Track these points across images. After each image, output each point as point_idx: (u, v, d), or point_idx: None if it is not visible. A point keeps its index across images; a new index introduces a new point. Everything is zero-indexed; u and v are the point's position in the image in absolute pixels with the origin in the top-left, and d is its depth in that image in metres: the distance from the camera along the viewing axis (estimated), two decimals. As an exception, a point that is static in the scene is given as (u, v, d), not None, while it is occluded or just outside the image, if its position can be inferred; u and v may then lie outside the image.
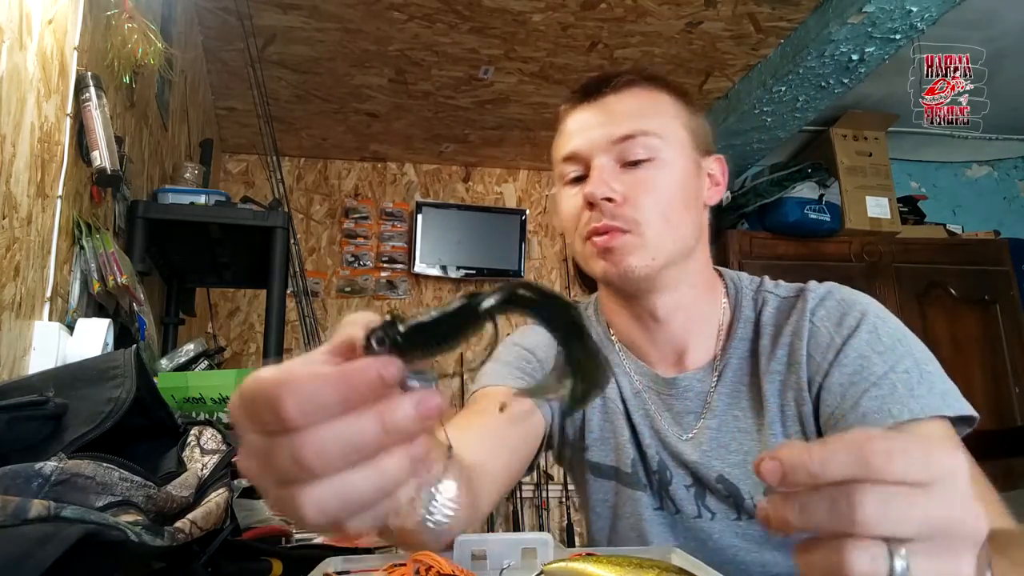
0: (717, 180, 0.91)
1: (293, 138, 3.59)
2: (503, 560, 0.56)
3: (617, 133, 0.84)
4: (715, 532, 0.86)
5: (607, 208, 0.82)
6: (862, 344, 0.79)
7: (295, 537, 0.81)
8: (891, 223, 3.46)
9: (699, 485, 0.88)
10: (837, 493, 0.35)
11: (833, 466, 0.35)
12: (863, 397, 0.76)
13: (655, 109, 0.87)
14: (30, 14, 1.21)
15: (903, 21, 2.43)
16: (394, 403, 0.33)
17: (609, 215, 0.82)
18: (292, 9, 2.58)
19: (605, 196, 0.82)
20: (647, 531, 0.90)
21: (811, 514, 0.35)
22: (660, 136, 0.84)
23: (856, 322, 0.80)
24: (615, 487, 0.93)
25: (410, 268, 3.73)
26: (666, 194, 0.84)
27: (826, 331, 0.82)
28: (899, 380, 0.75)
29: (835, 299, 0.84)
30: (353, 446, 0.32)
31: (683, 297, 0.88)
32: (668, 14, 2.65)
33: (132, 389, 0.60)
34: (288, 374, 0.32)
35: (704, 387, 0.89)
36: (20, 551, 0.39)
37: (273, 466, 0.32)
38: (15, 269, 1.17)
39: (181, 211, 1.89)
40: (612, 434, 0.93)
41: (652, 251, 0.83)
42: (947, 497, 0.35)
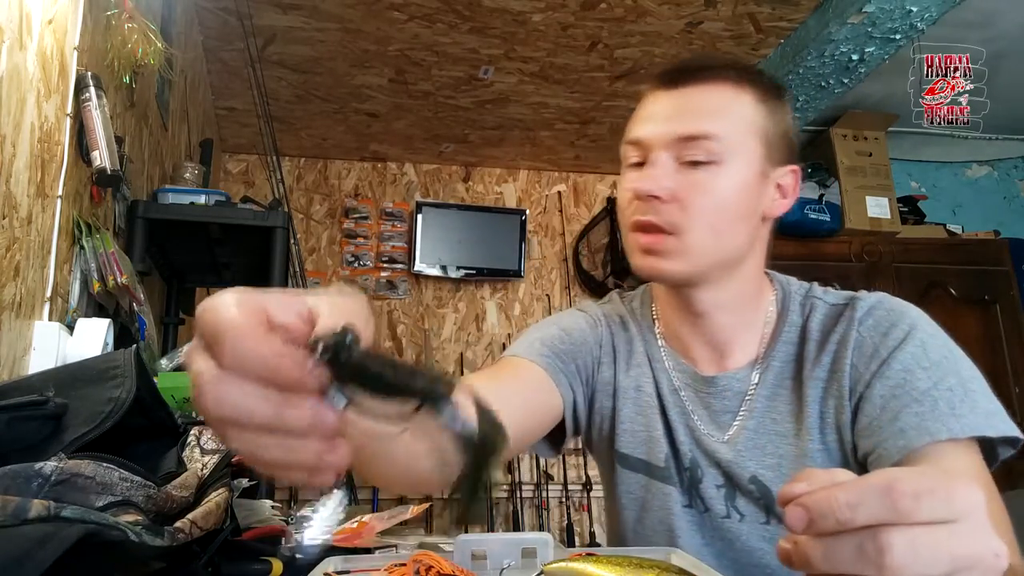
0: (786, 192, 0.87)
1: (293, 138, 3.59)
2: (503, 560, 0.56)
3: (682, 131, 0.81)
4: (743, 534, 0.86)
5: (653, 205, 0.80)
6: (908, 358, 0.77)
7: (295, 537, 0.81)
8: (891, 223, 3.46)
9: (730, 486, 0.87)
10: (864, 537, 0.35)
11: (862, 511, 0.35)
12: (903, 411, 0.74)
13: (731, 111, 0.82)
14: (30, 14, 1.21)
15: (903, 21, 2.43)
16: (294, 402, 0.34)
17: (655, 212, 0.80)
18: (292, 9, 2.59)
19: (651, 193, 0.80)
20: (675, 527, 0.89)
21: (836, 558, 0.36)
22: (727, 141, 0.80)
23: (904, 335, 0.79)
24: (645, 480, 0.92)
25: (410, 268, 3.73)
26: (718, 202, 0.80)
27: (872, 341, 0.81)
28: (941, 397, 0.74)
29: (884, 309, 0.83)
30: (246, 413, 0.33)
31: (727, 297, 0.87)
32: (668, 14, 2.65)
33: (132, 389, 0.60)
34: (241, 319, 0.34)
35: (743, 387, 0.88)
36: (20, 551, 0.39)
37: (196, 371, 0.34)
38: (15, 269, 1.17)
39: (181, 211, 1.89)
40: (644, 428, 0.92)
41: (691, 259, 0.81)
42: (971, 533, 0.35)
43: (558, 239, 3.97)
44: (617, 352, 0.96)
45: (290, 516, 0.92)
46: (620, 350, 0.96)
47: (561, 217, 3.99)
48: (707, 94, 0.83)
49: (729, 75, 0.84)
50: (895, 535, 0.34)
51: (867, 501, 0.35)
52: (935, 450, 0.71)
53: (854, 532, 0.35)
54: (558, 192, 4.03)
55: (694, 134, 0.80)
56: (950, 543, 0.35)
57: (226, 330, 0.33)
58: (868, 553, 0.35)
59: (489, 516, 3.47)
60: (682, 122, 0.81)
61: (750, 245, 0.86)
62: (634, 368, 0.94)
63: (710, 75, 0.83)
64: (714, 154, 0.80)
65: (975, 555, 0.35)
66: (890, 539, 0.34)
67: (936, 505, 0.35)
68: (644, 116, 0.85)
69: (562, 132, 3.60)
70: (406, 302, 3.75)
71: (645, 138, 0.83)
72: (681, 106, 0.83)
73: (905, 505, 0.35)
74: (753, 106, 0.83)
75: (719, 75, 0.83)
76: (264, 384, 0.33)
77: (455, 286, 3.82)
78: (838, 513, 0.36)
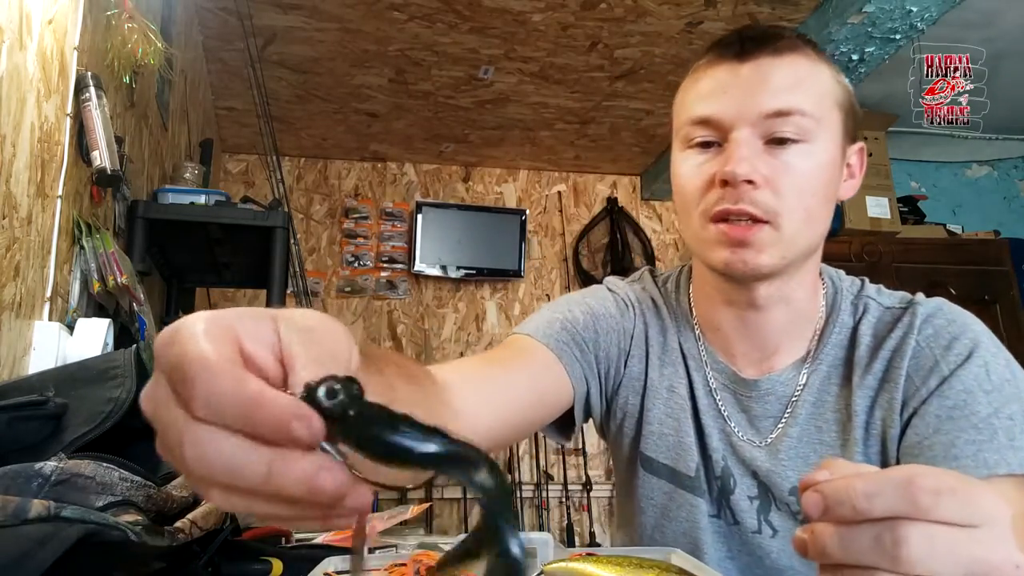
0: (854, 172, 0.81)
1: (293, 138, 3.59)
2: (503, 560, 0.55)
3: (771, 106, 0.72)
4: (773, 550, 0.80)
5: (745, 191, 0.71)
6: (969, 378, 0.72)
7: (295, 537, 0.81)
8: (891, 223, 3.46)
9: (765, 498, 0.81)
10: (882, 529, 0.35)
11: (879, 502, 0.35)
12: (960, 438, 0.70)
13: (814, 84, 0.75)
14: (30, 14, 1.20)
15: (903, 21, 2.43)
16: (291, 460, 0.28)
17: (749, 200, 0.71)
18: (292, 9, 2.59)
19: (748, 178, 0.71)
20: (700, 539, 0.83)
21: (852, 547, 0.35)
22: (815, 117, 0.73)
23: (967, 352, 0.73)
24: (669, 488, 0.86)
25: (410, 268, 3.73)
26: (811, 183, 0.73)
27: (931, 354, 0.75)
28: (1001, 427, 0.69)
29: (945, 318, 0.77)
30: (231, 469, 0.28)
31: (790, 289, 0.79)
32: (668, 14, 2.65)
33: (132, 389, 0.60)
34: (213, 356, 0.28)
35: (788, 391, 0.81)
36: (20, 551, 0.39)
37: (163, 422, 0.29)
38: (15, 269, 1.17)
39: (181, 211, 1.89)
40: (674, 431, 0.85)
41: (785, 248, 0.73)
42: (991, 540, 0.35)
43: (558, 239, 3.97)
44: (650, 345, 0.88)
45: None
46: (653, 343, 0.88)
47: (561, 217, 3.99)
48: (789, 65, 0.74)
49: (804, 45, 0.76)
50: (913, 529, 0.34)
51: (886, 492, 0.35)
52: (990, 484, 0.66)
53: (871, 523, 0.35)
54: (558, 192, 4.03)
55: (783, 109, 0.72)
56: (969, 546, 0.34)
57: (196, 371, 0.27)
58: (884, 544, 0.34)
59: (489, 516, 3.47)
60: (770, 95, 0.72)
61: (825, 234, 0.79)
62: (668, 366, 0.87)
63: (784, 45, 0.75)
64: (804, 131, 0.72)
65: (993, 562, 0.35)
66: (907, 532, 0.34)
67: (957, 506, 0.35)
68: (713, 90, 0.75)
69: (562, 132, 3.60)
70: (406, 302, 3.75)
71: (725, 114, 0.73)
72: (760, 78, 0.73)
73: (924, 500, 0.34)
74: (832, 77, 0.76)
75: (796, 46, 0.75)
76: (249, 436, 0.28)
77: (455, 286, 3.82)
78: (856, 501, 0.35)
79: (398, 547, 0.79)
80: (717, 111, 0.74)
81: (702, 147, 0.76)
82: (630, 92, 3.22)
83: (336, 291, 3.69)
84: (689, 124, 0.77)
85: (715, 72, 0.76)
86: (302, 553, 0.65)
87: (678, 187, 0.79)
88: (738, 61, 0.75)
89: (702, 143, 0.76)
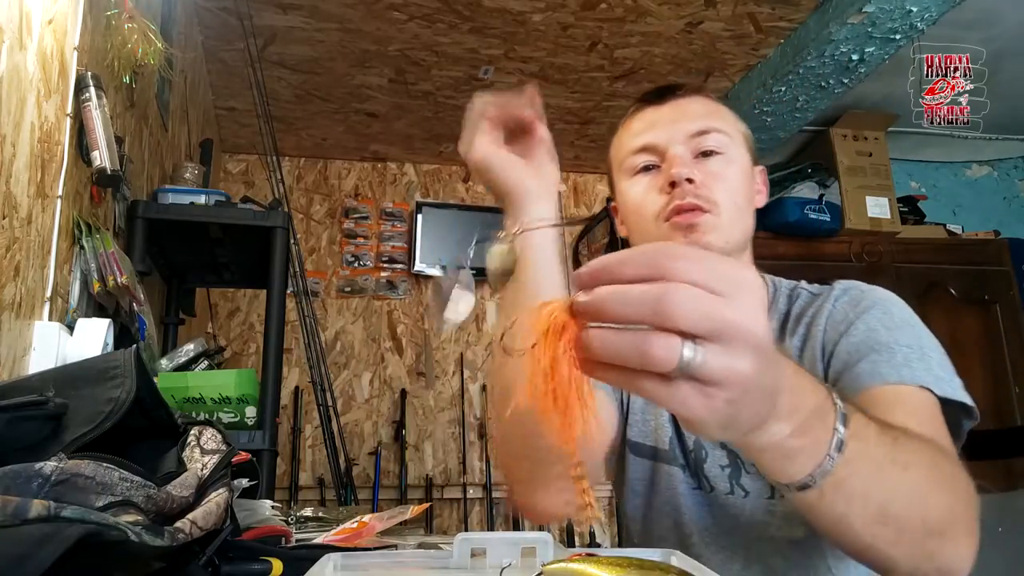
0: (761, 188, 0.99)
1: (293, 138, 3.59)
2: (503, 559, 0.56)
3: (694, 128, 0.92)
4: (746, 509, 0.89)
5: (688, 189, 0.88)
6: (873, 319, 0.84)
7: (295, 537, 0.81)
8: (891, 223, 3.46)
9: (734, 464, 0.91)
10: (650, 289, 0.38)
11: (631, 265, 0.39)
12: (862, 360, 0.80)
13: (722, 113, 0.96)
14: (30, 14, 1.21)
15: (903, 21, 2.43)
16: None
17: (692, 195, 0.88)
18: (292, 9, 2.59)
19: (689, 177, 0.88)
20: (682, 506, 0.93)
21: (622, 303, 0.39)
22: (730, 135, 0.93)
23: (871, 303, 0.87)
24: (652, 463, 0.97)
25: (410, 268, 3.73)
26: (736, 184, 0.91)
27: (843, 310, 0.88)
28: (899, 351, 0.79)
29: (859, 290, 0.91)
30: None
31: None
32: (668, 14, 2.65)
33: (132, 389, 0.60)
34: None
35: None
36: (20, 551, 0.39)
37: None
38: (15, 269, 1.17)
39: (181, 211, 1.89)
40: (653, 416, 0.98)
41: (726, 234, 0.89)
42: (742, 306, 0.38)
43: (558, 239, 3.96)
44: None
45: (290, 516, 0.92)
46: None
47: (561, 217, 3.98)
48: (697, 102, 0.96)
49: (705, 90, 0.99)
50: (676, 290, 0.38)
51: (637, 257, 0.39)
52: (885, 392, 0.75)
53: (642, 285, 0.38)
54: (558, 192, 4.02)
55: (704, 129, 0.91)
56: (723, 310, 0.38)
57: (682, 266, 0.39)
58: (648, 300, 0.38)
59: (489, 515, 3.47)
60: (690, 121, 0.92)
61: (752, 232, 0.95)
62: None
63: (692, 89, 0.97)
64: (723, 145, 0.92)
65: (742, 325, 0.38)
66: (672, 292, 0.37)
67: (713, 274, 0.38)
68: (646, 127, 0.95)
69: (562, 132, 3.60)
70: (406, 302, 3.75)
71: (660, 139, 0.92)
72: (681, 111, 0.94)
73: (680, 265, 0.38)
74: (731, 113, 0.98)
75: (699, 89, 0.99)
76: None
77: (455, 286, 3.81)
78: (612, 266, 0.39)
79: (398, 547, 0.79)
80: (653, 138, 0.93)
81: (645, 171, 0.94)
82: (630, 92, 3.22)
83: (336, 291, 3.69)
84: (631, 155, 0.95)
85: (643, 115, 0.97)
86: (302, 553, 0.65)
87: (634, 206, 0.95)
88: (660, 104, 0.96)
89: (645, 167, 0.94)
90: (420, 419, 3.61)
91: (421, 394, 3.64)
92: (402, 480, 3.40)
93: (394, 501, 3.34)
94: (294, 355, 3.45)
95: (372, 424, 3.56)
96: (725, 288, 0.38)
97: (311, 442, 3.42)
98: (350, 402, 3.55)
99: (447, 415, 3.64)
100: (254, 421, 1.70)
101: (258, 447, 1.67)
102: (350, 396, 3.56)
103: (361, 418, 3.55)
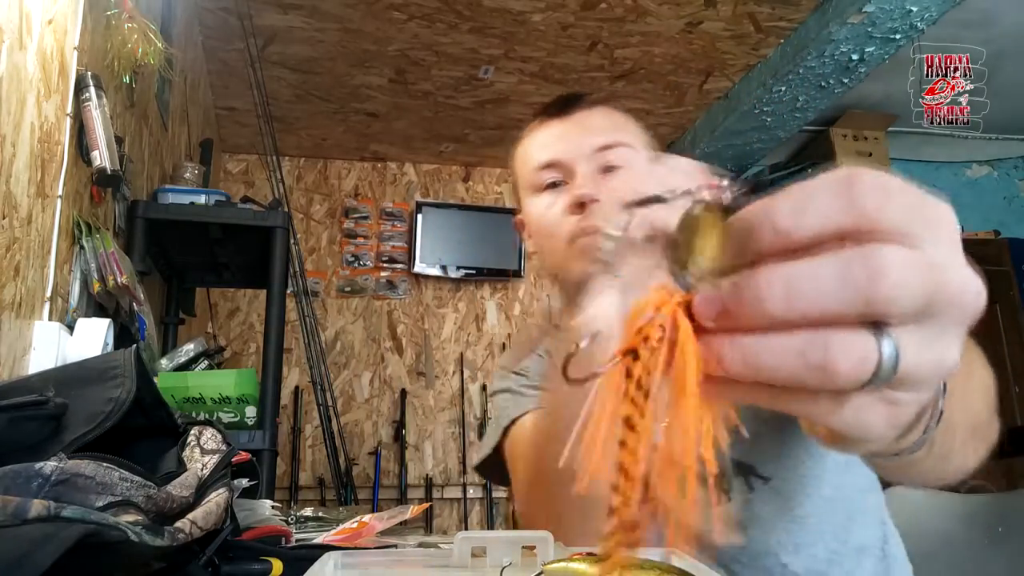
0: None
1: (293, 138, 3.59)
2: (503, 558, 0.56)
3: (599, 142, 0.88)
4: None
5: (596, 209, 0.85)
6: None
7: (295, 537, 0.81)
8: (891, 223, 3.46)
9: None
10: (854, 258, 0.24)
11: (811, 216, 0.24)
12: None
13: (625, 125, 0.93)
14: (30, 14, 1.21)
15: (903, 21, 2.43)
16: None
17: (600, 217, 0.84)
18: (292, 9, 2.59)
19: (595, 198, 0.85)
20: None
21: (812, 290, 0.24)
22: (635, 148, 0.90)
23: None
24: None
25: (410, 268, 3.73)
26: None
27: None
28: None
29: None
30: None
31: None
32: (668, 14, 2.65)
33: (132, 389, 0.60)
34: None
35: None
36: (20, 551, 0.39)
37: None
38: (15, 269, 1.17)
39: (181, 211, 1.89)
40: None
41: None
42: (950, 256, 0.25)
43: (558, 239, 3.97)
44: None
45: (290, 516, 0.92)
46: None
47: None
48: (599, 115, 0.92)
49: (608, 101, 0.95)
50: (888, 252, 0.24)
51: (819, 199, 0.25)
52: None
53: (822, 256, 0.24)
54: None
55: (608, 143, 0.88)
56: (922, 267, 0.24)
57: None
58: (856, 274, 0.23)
59: (489, 515, 3.47)
60: (594, 135, 0.89)
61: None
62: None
63: (594, 101, 0.94)
64: (628, 159, 0.88)
65: (957, 286, 0.25)
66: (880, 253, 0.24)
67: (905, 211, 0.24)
68: (550, 141, 0.92)
69: (562, 132, 3.60)
70: (406, 302, 3.75)
71: (564, 155, 0.89)
72: (585, 125, 0.91)
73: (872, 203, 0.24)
74: (634, 123, 0.94)
75: (601, 100, 0.94)
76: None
77: (455, 286, 3.82)
78: (776, 218, 0.24)
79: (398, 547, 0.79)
80: (557, 153, 0.89)
81: (551, 187, 0.90)
82: (630, 92, 3.22)
83: (336, 291, 3.69)
84: (537, 171, 0.91)
85: (547, 128, 0.93)
86: (302, 553, 0.65)
87: (540, 224, 0.91)
88: (562, 117, 0.92)
89: (551, 184, 0.90)
90: (420, 419, 3.61)
91: (421, 394, 3.65)
92: (402, 480, 3.40)
93: (394, 501, 3.34)
94: (294, 355, 3.45)
95: (372, 424, 3.56)
96: (923, 231, 0.24)
97: (311, 442, 3.42)
98: (350, 402, 3.55)
99: (447, 415, 3.64)
100: (254, 421, 1.70)
101: (258, 447, 1.67)
102: (350, 396, 3.56)
103: (361, 418, 3.55)
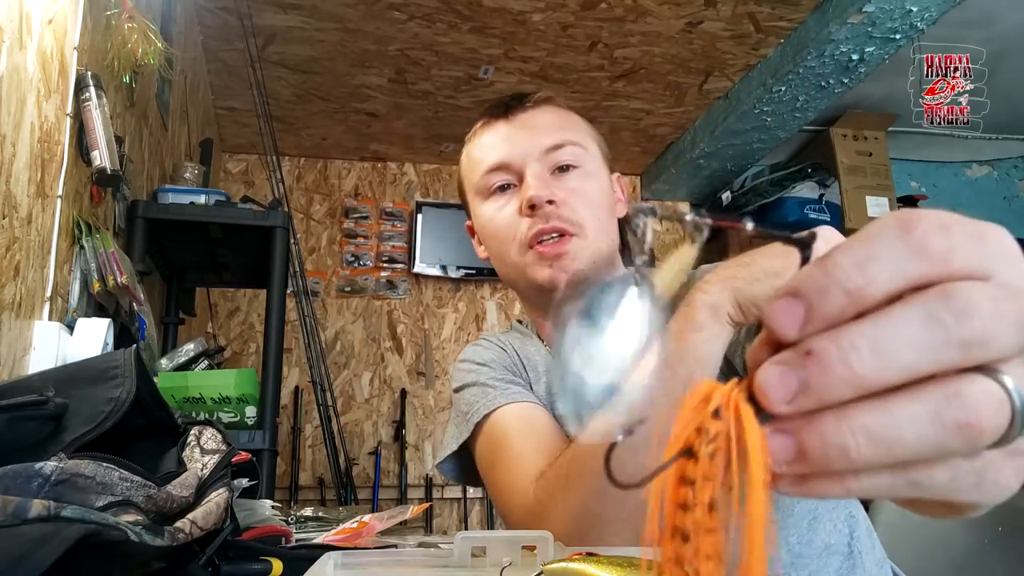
0: (619, 196, 0.94)
1: (293, 138, 3.59)
2: (503, 558, 0.56)
3: (548, 142, 0.87)
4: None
5: (550, 211, 0.84)
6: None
7: (295, 537, 0.81)
8: (891, 223, 3.46)
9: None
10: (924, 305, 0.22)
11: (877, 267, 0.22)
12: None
13: (572, 123, 0.91)
14: (30, 14, 1.21)
15: (903, 21, 2.43)
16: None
17: (555, 218, 0.84)
18: (292, 9, 2.59)
19: (549, 199, 0.83)
20: None
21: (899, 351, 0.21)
22: (584, 146, 0.89)
23: None
24: None
25: (410, 268, 3.73)
26: (597, 198, 0.87)
27: None
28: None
29: None
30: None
31: None
32: (668, 14, 2.65)
33: (132, 389, 0.60)
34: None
35: None
36: (20, 551, 0.39)
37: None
38: (15, 269, 1.17)
39: (181, 211, 1.89)
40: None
41: (593, 252, 0.85)
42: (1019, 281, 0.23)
43: (558, 239, 3.97)
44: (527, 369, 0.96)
45: (290, 516, 0.92)
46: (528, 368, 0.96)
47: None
48: (546, 114, 0.90)
49: (553, 99, 0.93)
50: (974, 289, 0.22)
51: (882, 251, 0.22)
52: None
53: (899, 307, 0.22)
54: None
55: (558, 143, 0.87)
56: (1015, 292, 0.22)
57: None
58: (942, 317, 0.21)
59: (489, 515, 3.47)
60: (543, 136, 0.87)
61: (618, 243, 0.91)
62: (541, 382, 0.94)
63: (539, 100, 0.92)
64: (579, 158, 0.87)
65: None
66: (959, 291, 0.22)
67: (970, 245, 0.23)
68: (497, 142, 0.90)
69: (562, 132, 3.60)
70: (406, 302, 3.75)
71: (514, 157, 0.87)
72: (532, 125, 0.89)
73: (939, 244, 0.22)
74: (582, 121, 0.93)
75: (546, 100, 0.92)
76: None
77: (455, 286, 3.82)
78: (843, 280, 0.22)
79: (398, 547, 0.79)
80: (506, 155, 0.88)
81: (501, 190, 0.89)
82: (630, 92, 3.22)
83: (336, 291, 3.69)
84: (485, 174, 0.90)
85: (493, 130, 0.91)
86: (302, 553, 0.65)
87: (491, 229, 0.90)
88: (508, 118, 0.90)
89: (500, 187, 0.89)
90: (420, 419, 3.61)
91: (421, 394, 3.65)
92: (402, 480, 3.40)
93: (394, 501, 3.34)
94: (294, 355, 3.45)
95: (372, 424, 3.56)
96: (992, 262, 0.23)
97: (311, 442, 3.42)
98: (350, 402, 3.55)
99: (447, 415, 3.64)
100: (254, 421, 1.70)
101: (258, 447, 1.67)
102: (350, 396, 3.56)
103: (361, 418, 3.55)
